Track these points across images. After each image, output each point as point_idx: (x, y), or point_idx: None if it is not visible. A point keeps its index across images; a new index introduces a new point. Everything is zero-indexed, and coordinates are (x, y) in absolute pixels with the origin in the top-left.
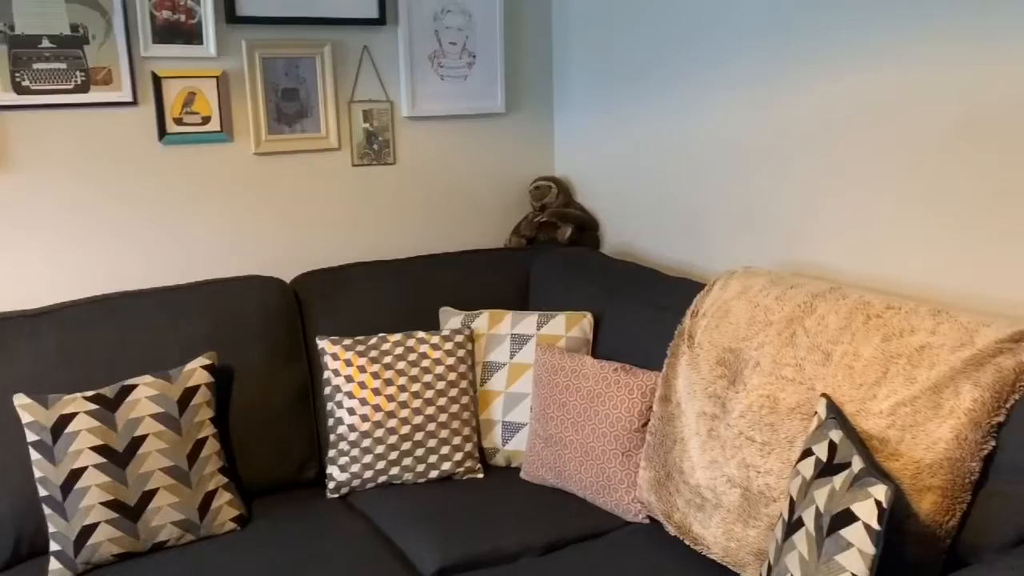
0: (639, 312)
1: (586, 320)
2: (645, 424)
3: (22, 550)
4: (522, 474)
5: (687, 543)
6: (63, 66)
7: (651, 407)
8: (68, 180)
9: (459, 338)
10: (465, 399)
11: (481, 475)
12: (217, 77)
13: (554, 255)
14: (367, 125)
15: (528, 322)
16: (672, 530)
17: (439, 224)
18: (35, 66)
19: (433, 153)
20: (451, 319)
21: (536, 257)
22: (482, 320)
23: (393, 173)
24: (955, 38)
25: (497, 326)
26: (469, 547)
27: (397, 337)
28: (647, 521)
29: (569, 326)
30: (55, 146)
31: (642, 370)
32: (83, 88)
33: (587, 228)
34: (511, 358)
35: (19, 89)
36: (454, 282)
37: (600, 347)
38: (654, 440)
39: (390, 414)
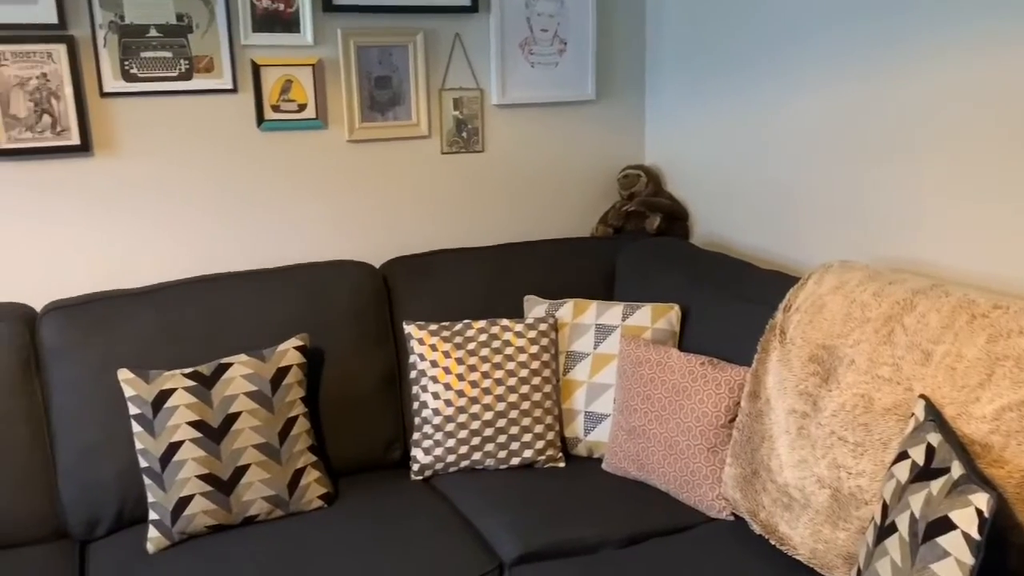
0: (728, 305)
1: (673, 312)
2: (732, 420)
3: (124, 516)
4: (604, 465)
5: (772, 542)
6: (168, 54)
7: (739, 403)
8: (171, 165)
9: (543, 327)
10: (547, 388)
11: (562, 464)
12: (313, 65)
13: (641, 245)
14: (457, 113)
15: (613, 312)
16: (757, 529)
17: (526, 212)
18: (143, 55)
19: (521, 141)
20: (535, 307)
21: (623, 247)
22: (566, 309)
23: (481, 161)
24: None
25: (581, 316)
26: (550, 536)
27: (481, 324)
28: (731, 518)
29: (655, 317)
30: (159, 132)
31: (730, 365)
32: (186, 76)
33: (676, 218)
34: (595, 348)
35: (128, 77)
36: (539, 270)
37: (687, 340)
38: (741, 437)
39: (473, 400)
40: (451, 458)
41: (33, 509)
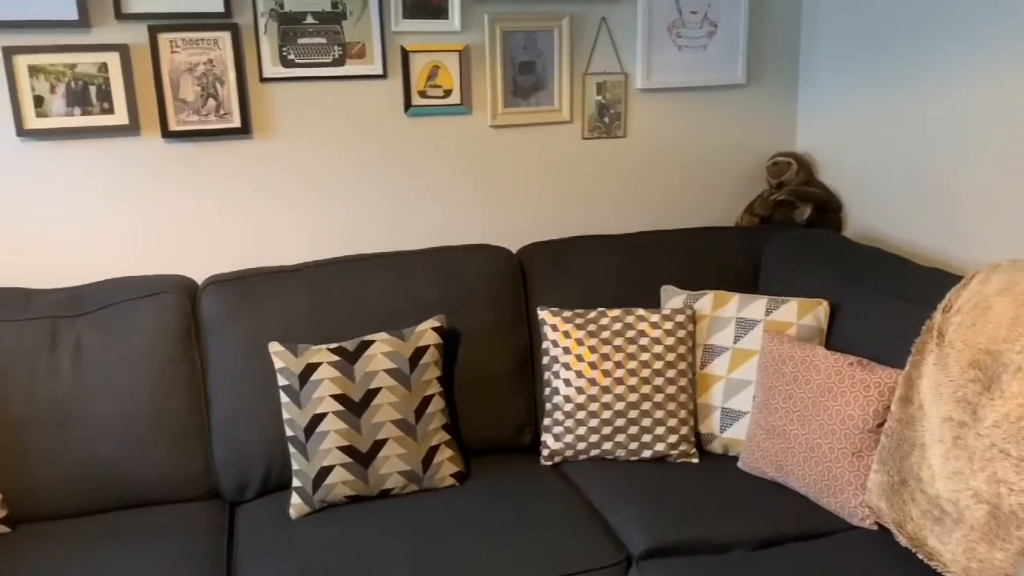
0: (882, 303)
1: (821, 308)
2: (880, 424)
3: (271, 482)
4: (740, 464)
5: (920, 557)
6: (323, 41)
7: (888, 407)
8: (322, 148)
9: (680, 318)
10: (683, 381)
11: (696, 460)
12: (460, 51)
13: (790, 236)
14: (600, 98)
15: (756, 306)
16: (904, 541)
17: (667, 199)
18: (299, 41)
19: (665, 126)
20: (673, 298)
21: (770, 237)
22: (706, 301)
23: (623, 146)
24: None
25: (722, 308)
26: (680, 531)
27: (616, 313)
28: (875, 527)
29: (801, 313)
30: (312, 116)
31: (881, 366)
32: (339, 62)
33: (828, 208)
34: (735, 343)
35: (285, 63)
36: (678, 260)
37: (835, 338)
38: (890, 443)
39: (605, 389)
40: (581, 446)
41: (190, 469)
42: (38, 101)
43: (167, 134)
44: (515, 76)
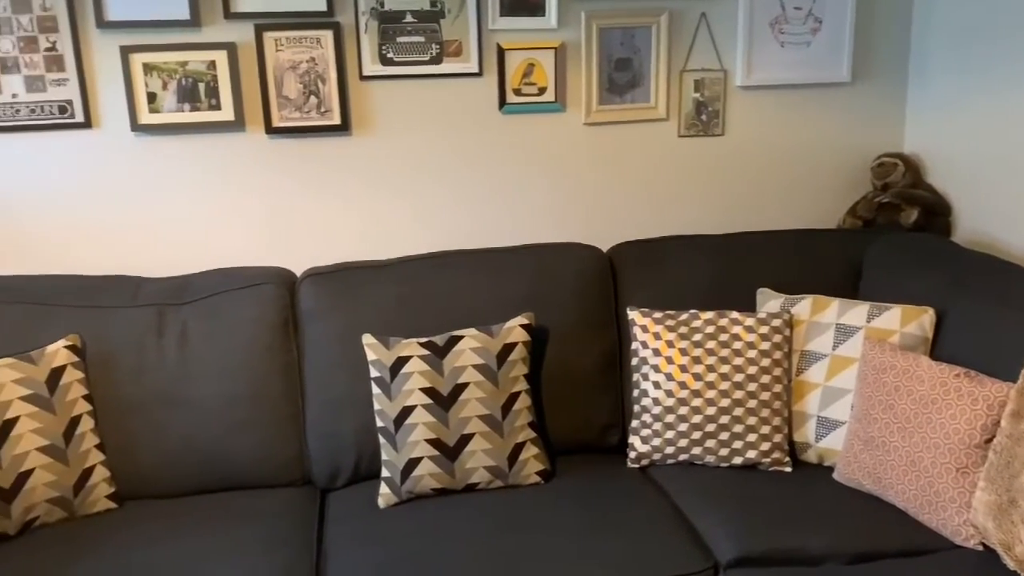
0: (993, 312)
1: (926, 316)
2: (988, 440)
3: (360, 471)
4: (835, 474)
5: None
6: (421, 39)
7: (998, 422)
8: (417, 145)
9: (776, 322)
10: (778, 388)
11: (789, 469)
12: (555, 48)
13: (894, 240)
14: (697, 95)
15: (857, 312)
16: (1011, 564)
17: (765, 200)
18: (398, 40)
19: (765, 125)
20: (769, 301)
21: (873, 241)
22: (804, 305)
23: (720, 145)
24: None
25: (821, 314)
26: (771, 541)
27: (709, 315)
28: (979, 548)
29: (905, 321)
30: (408, 114)
31: (991, 379)
32: (437, 60)
33: (937, 212)
34: (833, 349)
35: (384, 61)
36: (776, 262)
37: (941, 348)
38: (999, 460)
39: (696, 393)
40: (669, 449)
41: (285, 456)
42: (151, 97)
43: (270, 130)
44: (611, 73)
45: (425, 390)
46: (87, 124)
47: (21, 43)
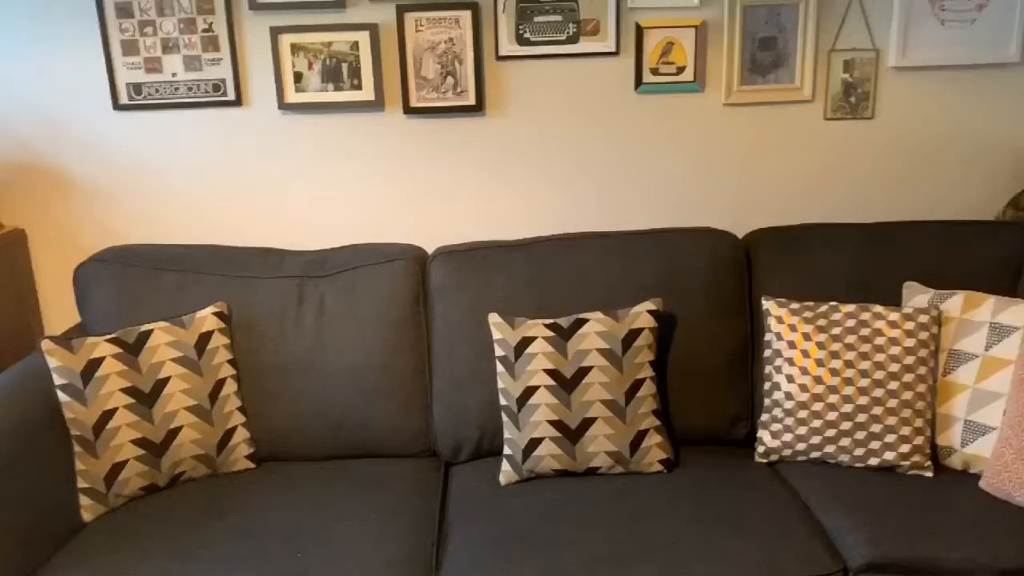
0: None
1: None
2: None
3: (483, 447)
4: (981, 483)
5: None
6: (559, 18)
7: None
8: (550, 126)
9: (923, 319)
10: (921, 388)
11: (929, 474)
12: (696, 27)
13: None
14: (846, 76)
15: (1015, 311)
16: None
17: (917, 188)
18: (536, 19)
19: (921, 108)
20: (916, 296)
21: None
22: (955, 302)
23: (869, 128)
24: None
25: (973, 311)
26: (907, 548)
27: (850, 308)
28: None
29: None
30: (542, 94)
31: None
32: (573, 39)
33: None
34: (986, 350)
35: (521, 41)
36: (926, 255)
37: None
38: None
39: (832, 389)
40: (801, 446)
41: (411, 427)
42: (297, 77)
43: (408, 110)
44: (754, 52)
45: (548, 371)
46: (238, 102)
47: (181, 24)
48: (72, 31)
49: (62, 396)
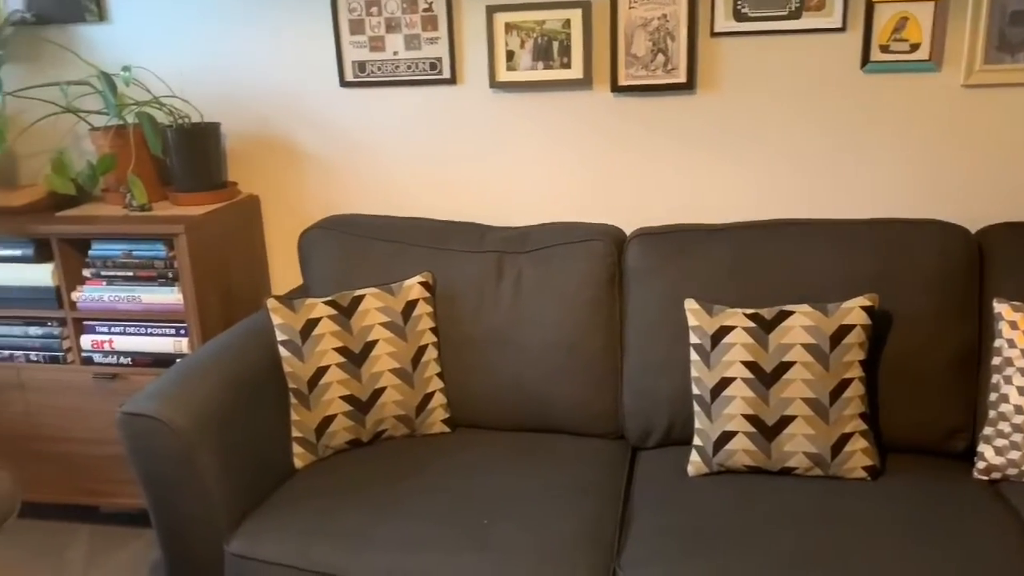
0: None
1: None
2: None
3: (672, 435)
4: None
5: None
6: None
7: None
8: (765, 106)
9: None
10: None
11: None
12: (936, 0)
13: None
14: None
15: None
16: None
17: None
18: None
19: None
20: None
21: None
22: None
23: None
24: None
25: None
26: None
27: None
28: None
29: None
30: (758, 72)
31: None
32: (796, 15)
33: None
34: None
35: (738, 16)
36: None
37: None
38: None
39: None
40: None
41: (600, 407)
42: (509, 55)
43: (616, 88)
44: (1003, 27)
45: (747, 363)
46: (452, 80)
47: (404, 4)
48: (306, 12)
49: (283, 351)
